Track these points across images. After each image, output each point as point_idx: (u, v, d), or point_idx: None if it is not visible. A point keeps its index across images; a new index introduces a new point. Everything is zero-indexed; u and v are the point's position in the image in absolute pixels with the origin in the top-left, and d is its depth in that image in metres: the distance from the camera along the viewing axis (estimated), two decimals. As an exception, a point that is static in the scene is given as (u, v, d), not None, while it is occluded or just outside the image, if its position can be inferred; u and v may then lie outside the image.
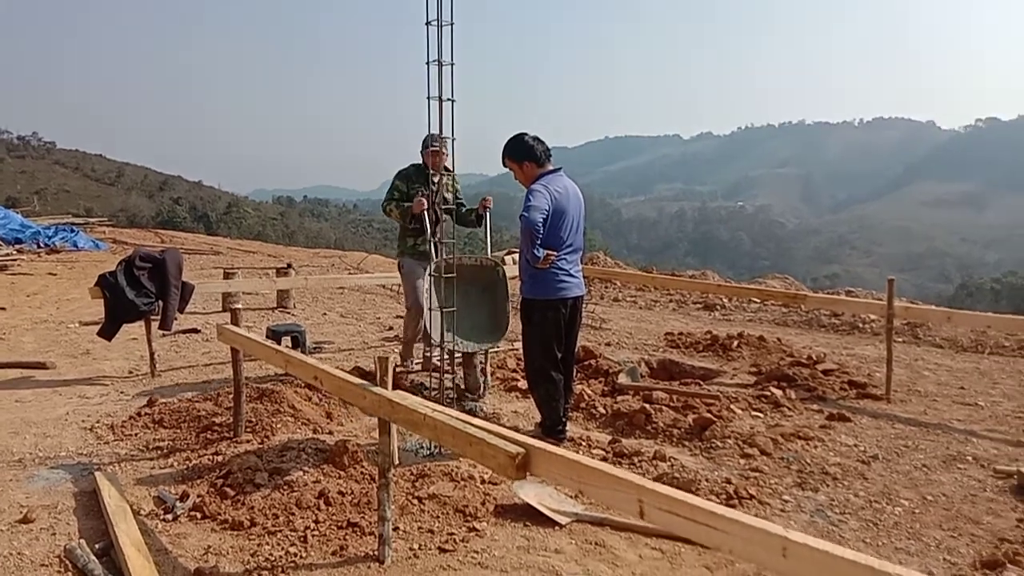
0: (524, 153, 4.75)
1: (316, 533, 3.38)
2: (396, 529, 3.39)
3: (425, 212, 5.67)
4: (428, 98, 4.61)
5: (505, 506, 3.75)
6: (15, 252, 15.44)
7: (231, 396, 4.79)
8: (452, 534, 3.43)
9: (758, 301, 10.36)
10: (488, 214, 5.78)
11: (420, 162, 6.05)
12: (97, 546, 3.26)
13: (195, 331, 8.18)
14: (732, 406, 5.31)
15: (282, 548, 3.26)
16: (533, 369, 4.81)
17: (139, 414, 5.09)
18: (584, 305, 5.38)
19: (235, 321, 4.56)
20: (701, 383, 6.03)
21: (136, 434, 4.78)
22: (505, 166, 4.86)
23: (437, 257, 5.27)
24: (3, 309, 9.64)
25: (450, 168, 5.85)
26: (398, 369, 5.89)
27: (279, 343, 5.92)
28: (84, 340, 7.72)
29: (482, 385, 5.62)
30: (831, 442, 4.84)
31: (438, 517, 3.58)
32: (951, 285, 77.33)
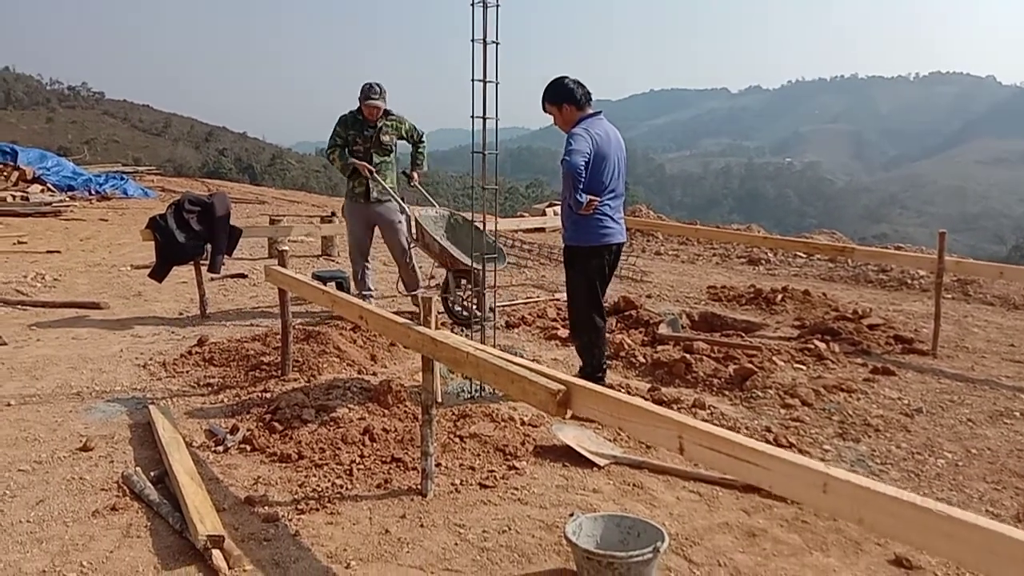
0: (564, 95, 4.63)
1: (361, 467, 3.48)
2: (438, 465, 3.47)
3: (369, 173, 6.26)
4: (472, 40, 4.58)
5: (544, 447, 3.81)
6: (68, 199, 15.81)
7: (279, 337, 4.91)
8: (492, 471, 3.50)
9: (804, 256, 10.20)
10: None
11: (358, 108, 6.38)
12: (152, 474, 3.40)
13: (242, 276, 8.35)
14: (774, 358, 5.27)
15: (328, 480, 3.37)
16: (578, 316, 4.79)
17: (190, 352, 5.24)
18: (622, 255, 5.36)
19: (282, 263, 4.64)
20: (743, 335, 6.00)
21: (187, 371, 4.94)
22: (545, 111, 4.76)
23: (372, 199, 6.34)
24: (58, 252, 9.93)
25: (392, 112, 6.46)
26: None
27: (324, 287, 6.01)
28: (136, 282, 7.94)
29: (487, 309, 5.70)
30: (874, 395, 4.80)
31: (479, 455, 3.66)
32: (1005, 247, 75.03)
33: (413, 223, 6.27)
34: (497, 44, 4.67)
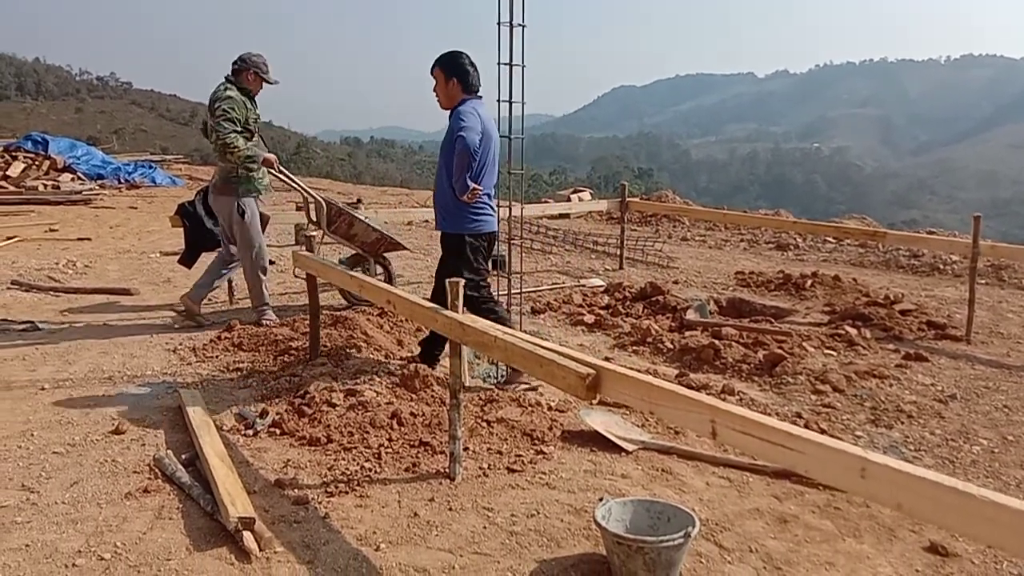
0: (459, 71, 4.41)
1: (389, 450, 3.49)
2: (466, 449, 3.46)
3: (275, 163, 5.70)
4: (499, 23, 4.55)
5: (572, 432, 3.80)
6: (97, 187, 16.00)
7: (307, 322, 4.93)
8: (520, 456, 3.49)
9: (833, 241, 10.06)
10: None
11: (237, 84, 5.57)
12: (183, 456, 3.43)
13: (271, 262, 8.39)
14: (804, 344, 5.21)
15: (357, 463, 3.38)
16: (468, 303, 4.53)
17: (219, 338, 5.29)
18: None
19: (310, 248, 4.66)
20: (772, 321, 5.93)
21: (217, 356, 4.98)
22: (432, 74, 4.51)
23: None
24: (89, 240, 10.06)
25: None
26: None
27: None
28: (165, 269, 8.02)
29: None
30: (907, 381, 4.73)
31: (506, 440, 3.65)
32: (1038, 232, 73.47)
33: (323, 211, 5.82)
34: (524, 27, 4.64)
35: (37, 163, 16.35)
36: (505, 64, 4.70)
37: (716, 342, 5.09)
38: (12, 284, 7.03)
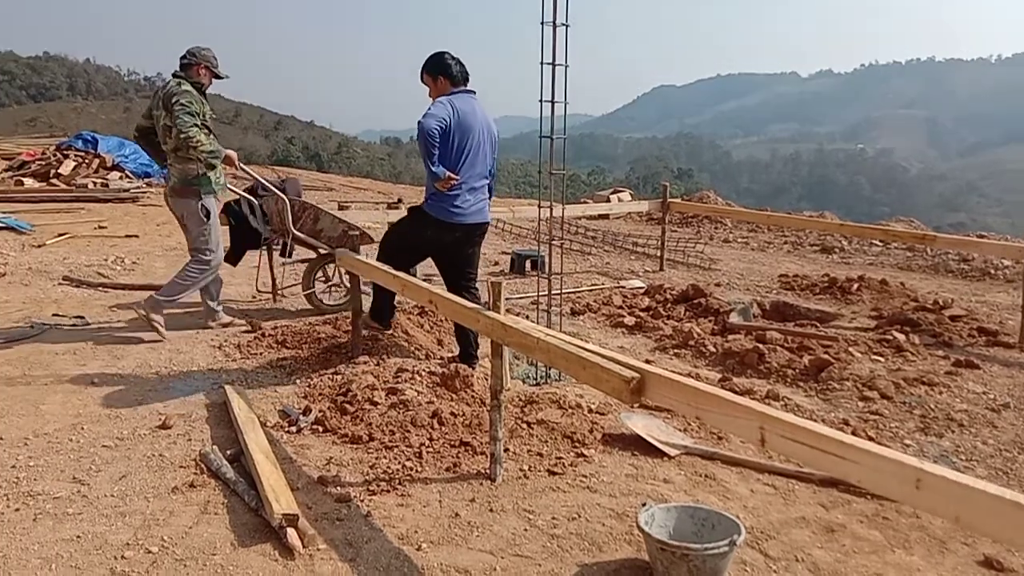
0: (441, 68, 4.59)
1: (430, 450, 3.49)
2: (506, 450, 3.45)
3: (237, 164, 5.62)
4: (543, 23, 4.54)
5: (613, 435, 3.77)
6: (145, 185, 16.32)
7: (349, 320, 4.97)
8: (560, 458, 3.47)
9: (880, 244, 9.87)
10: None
11: (188, 79, 5.34)
12: (228, 452, 3.47)
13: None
14: (851, 349, 5.11)
15: (399, 462, 3.39)
16: (380, 257, 4.68)
17: (263, 335, 5.35)
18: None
19: (355, 248, 4.69)
20: (817, 325, 5.83)
21: (260, 353, 5.04)
22: (422, 81, 4.71)
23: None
24: (136, 236, 10.27)
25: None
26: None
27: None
28: (210, 267, 8.13)
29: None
30: (957, 389, 4.61)
31: (546, 441, 3.63)
32: (1093, 237, 71.14)
33: (287, 208, 5.75)
34: (567, 27, 4.63)
35: (87, 161, 16.73)
36: (548, 64, 4.69)
37: (760, 346, 5.01)
38: (63, 280, 7.20)
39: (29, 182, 14.91)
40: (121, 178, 16.65)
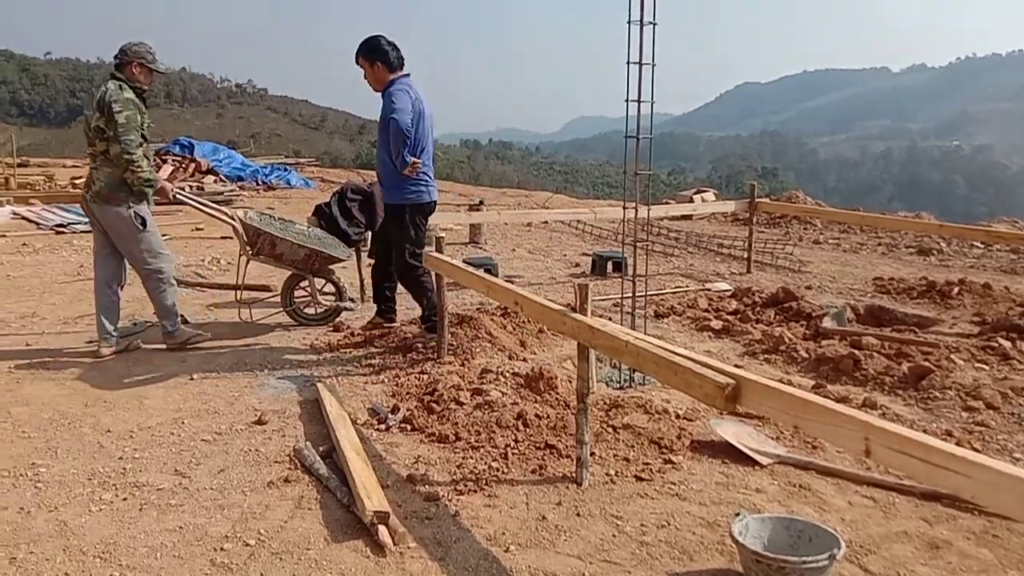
0: (379, 54, 4.85)
1: (516, 451, 3.50)
2: (592, 455, 3.42)
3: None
4: (629, 22, 4.49)
5: (702, 442, 3.69)
6: (237, 188, 16.95)
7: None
8: (648, 464, 3.42)
9: (981, 246, 9.39)
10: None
11: (126, 81, 4.86)
12: (321, 448, 3.56)
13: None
14: (952, 356, 4.87)
15: (485, 463, 3.41)
16: (406, 265, 5.10)
17: (352, 333, 5.47)
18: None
19: (439, 249, 4.74)
20: (916, 331, 5.58)
21: (350, 351, 5.16)
22: (357, 63, 4.96)
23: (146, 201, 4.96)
24: (231, 238, 10.65)
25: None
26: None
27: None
28: (299, 267, 8.37)
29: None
30: (1073, 400, 4.32)
31: (633, 446, 3.59)
32: None
33: (241, 235, 5.45)
34: (655, 25, 4.56)
35: (184, 166, 17.48)
36: (635, 63, 4.63)
37: (856, 352, 4.83)
38: (163, 279, 7.53)
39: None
40: (215, 182, 17.32)
